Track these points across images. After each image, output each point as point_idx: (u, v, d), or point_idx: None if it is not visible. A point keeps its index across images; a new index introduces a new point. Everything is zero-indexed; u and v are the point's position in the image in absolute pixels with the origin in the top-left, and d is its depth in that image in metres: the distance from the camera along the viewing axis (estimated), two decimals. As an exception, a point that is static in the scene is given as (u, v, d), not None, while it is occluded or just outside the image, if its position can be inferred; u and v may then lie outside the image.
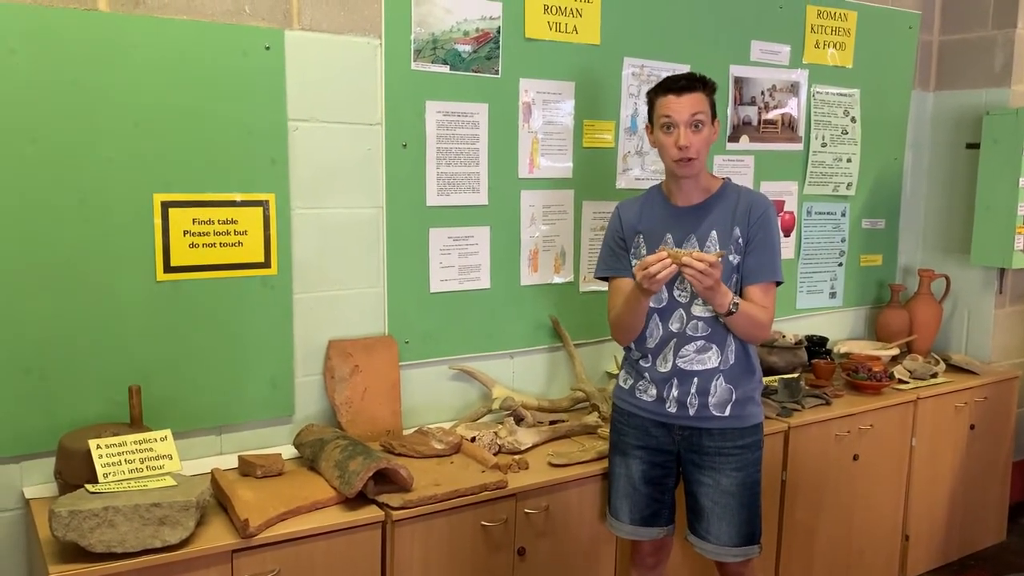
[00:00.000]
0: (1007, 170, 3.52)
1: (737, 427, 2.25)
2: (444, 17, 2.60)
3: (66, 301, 2.15)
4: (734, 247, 2.21)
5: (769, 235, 2.23)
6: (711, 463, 2.26)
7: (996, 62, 3.70)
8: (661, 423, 2.30)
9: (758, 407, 2.32)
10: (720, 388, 2.24)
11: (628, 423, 2.36)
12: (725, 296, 2.11)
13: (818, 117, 3.51)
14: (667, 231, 2.26)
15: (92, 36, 2.12)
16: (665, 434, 2.31)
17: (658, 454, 2.33)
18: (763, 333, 2.24)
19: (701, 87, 2.19)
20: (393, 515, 2.13)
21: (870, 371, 3.22)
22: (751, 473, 2.28)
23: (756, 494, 2.31)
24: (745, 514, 2.28)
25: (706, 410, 2.24)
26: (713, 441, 2.26)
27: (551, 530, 2.42)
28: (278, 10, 2.37)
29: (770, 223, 2.24)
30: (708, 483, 2.27)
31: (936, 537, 3.43)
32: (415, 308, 2.68)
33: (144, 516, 1.85)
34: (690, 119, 2.16)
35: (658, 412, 2.29)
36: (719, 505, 2.27)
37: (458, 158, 2.69)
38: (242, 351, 2.39)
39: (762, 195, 2.31)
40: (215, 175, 2.31)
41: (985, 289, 3.77)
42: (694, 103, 2.16)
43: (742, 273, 2.24)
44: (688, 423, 2.26)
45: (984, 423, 3.48)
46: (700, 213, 2.26)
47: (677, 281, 2.23)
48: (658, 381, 2.29)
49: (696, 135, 2.16)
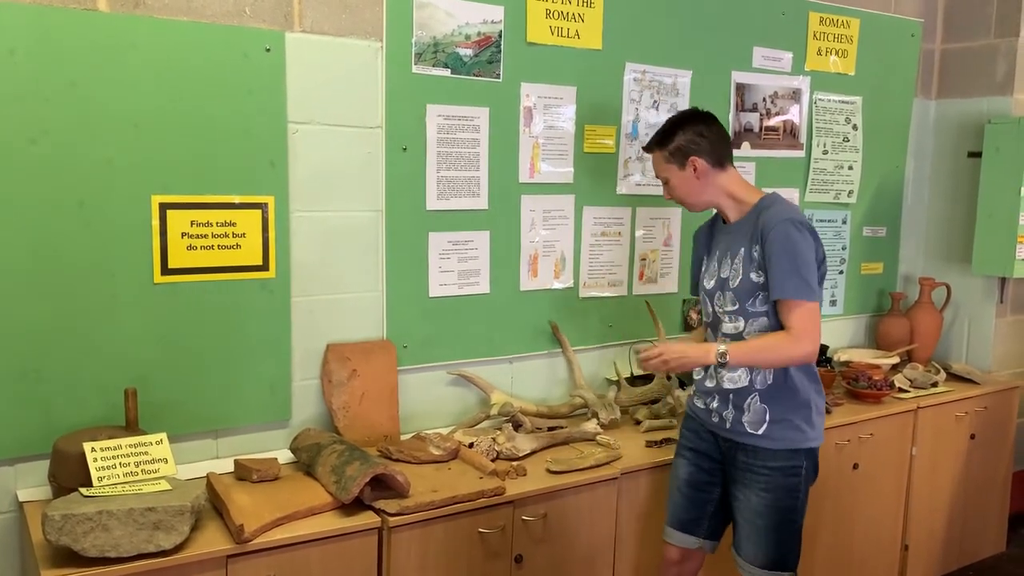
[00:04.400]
0: (1009, 179, 3.51)
1: (769, 448, 2.24)
2: (446, 20, 2.59)
3: (63, 303, 2.14)
4: (756, 264, 2.22)
5: (778, 253, 2.15)
6: (743, 479, 2.29)
7: (998, 71, 3.69)
8: (710, 431, 2.39)
9: (799, 432, 2.25)
10: (755, 407, 2.25)
11: (687, 425, 2.48)
12: (705, 356, 2.18)
13: (820, 124, 3.50)
14: (717, 248, 2.38)
15: (92, 37, 2.11)
16: (713, 442, 2.39)
17: (705, 459, 2.40)
18: (786, 355, 2.16)
19: (656, 146, 2.37)
20: (390, 521, 2.11)
21: (870, 380, 3.21)
22: (782, 498, 2.25)
23: (790, 521, 2.27)
24: (773, 537, 2.26)
25: (740, 426, 2.28)
26: (747, 457, 2.28)
27: (549, 538, 2.40)
28: (279, 12, 2.36)
29: (780, 241, 2.15)
30: (740, 498, 2.30)
31: (936, 547, 3.42)
32: (414, 312, 2.67)
33: (138, 520, 1.83)
34: (659, 178, 2.41)
35: (707, 421, 2.39)
36: (748, 522, 2.28)
37: (458, 162, 2.68)
38: (239, 354, 2.38)
39: (782, 212, 2.21)
40: (214, 177, 2.30)
41: (986, 298, 3.76)
42: (655, 165, 2.40)
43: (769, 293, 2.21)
44: (727, 436, 2.32)
45: (984, 433, 3.47)
46: (735, 231, 2.33)
47: (716, 296, 2.33)
48: (704, 393, 2.38)
49: (667, 188, 2.39)
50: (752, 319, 2.25)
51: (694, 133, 2.29)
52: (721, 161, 2.31)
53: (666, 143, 2.33)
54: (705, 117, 2.34)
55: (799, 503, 2.28)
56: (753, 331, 2.24)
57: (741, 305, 2.25)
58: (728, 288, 2.28)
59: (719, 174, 2.31)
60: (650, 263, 3.15)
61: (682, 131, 2.31)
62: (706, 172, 2.30)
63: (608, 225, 3.03)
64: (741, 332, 2.26)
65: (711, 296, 2.35)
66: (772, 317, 2.23)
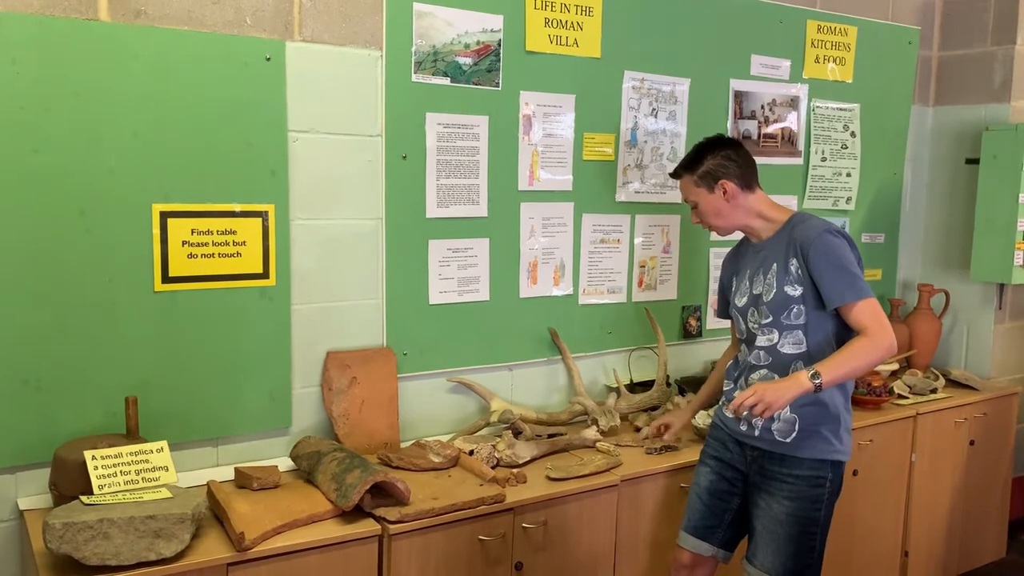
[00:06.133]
0: (1007, 186, 3.52)
1: (797, 456, 2.25)
2: (445, 29, 2.61)
3: (63, 311, 2.14)
4: (793, 278, 2.24)
5: (828, 260, 2.19)
6: (767, 487, 2.29)
7: (996, 78, 3.71)
8: (738, 441, 2.39)
9: (828, 444, 2.26)
10: (785, 416, 2.26)
11: (713, 435, 2.49)
12: (800, 385, 2.08)
13: (818, 131, 3.51)
14: (747, 267, 2.41)
15: (93, 46, 2.12)
16: (739, 452, 2.39)
17: (728, 468, 2.40)
18: (873, 355, 2.14)
19: (684, 171, 2.41)
20: (390, 529, 2.12)
21: (870, 386, 3.22)
22: (805, 508, 2.25)
23: (810, 534, 2.26)
24: (792, 548, 2.25)
25: (769, 434, 2.28)
26: (774, 465, 2.29)
27: (549, 545, 2.40)
28: (279, 21, 2.37)
29: (823, 251, 2.20)
30: (761, 505, 2.30)
31: (936, 553, 3.41)
32: (414, 320, 2.67)
33: (139, 528, 1.84)
34: (688, 202, 2.44)
35: (734, 429, 2.38)
36: (768, 531, 2.28)
37: (458, 170, 2.69)
38: (240, 362, 2.38)
39: (818, 224, 2.26)
40: (214, 186, 2.30)
41: (985, 304, 3.76)
42: (684, 189, 2.45)
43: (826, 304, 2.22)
44: (756, 444, 2.32)
45: (984, 439, 3.47)
46: (766, 247, 2.36)
47: (749, 313, 2.37)
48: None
49: (697, 212, 2.43)
50: (787, 332, 2.27)
51: (723, 157, 2.34)
52: (750, 183, 2.36)
53: (695, 167, 2.37)
54: (731, 142, 2.40)
55: (822, 516, 2.27)
56: (788, 344, 2.27)
57: (775, 318, 2.28)
58: (762, 303, 2.31)
59: (748, 196, 2.36)
60: (649, 270, 3.16)
61: (711, 155, 2.35)
62: (735, 194, 2.34)
63: (607, 232, 3.04)
64: (775, 344, 2.28)
65: (744, 313, 2.38)
66: (810, 331, 2.24)
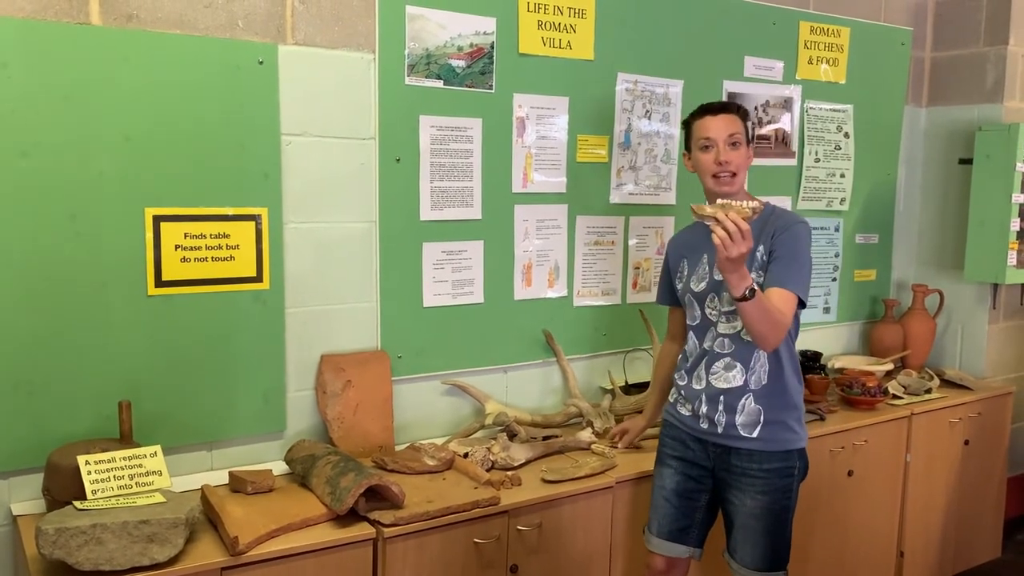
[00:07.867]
0: (1000, 186, 3.53)
1: (764, 450, 2.25)
2: (438, 32, 2.61)
3: (56, 315, 2.14)
4: (758, 264, 2.22)
5: (790, 249, 2.19)
6: (737, 483, 2.28)
7: (988, 78, 3.72)
8: (698, 439, 2.34)
9: (793, 433, 2.27)
10: (748, 408, 2.24)
11: (669, 434, 2.43)
12: (744, 279, 2.02)
13: (811, 132, 3.52)
14: (706, 251, 2.30)
15: (84, 50, 2.11)
16: (701, 449, 2.35)
17: (693, 467, 2.36)
18: (776, 333, 2.12)
19: (735, 110, 2.32)
20: (384, 532, 2.11)
21: (864, 386, 3.22)
22: (778, 499, 2.26)
23: (784, 522, 2.28)
24: (769, 540, 2.27)
25: (734, 429, 2.26)
26: (741, 461, 2.27)
27: (544, 547, 2.40)
28: (272, 25, 2.37)
29: (793, 238, 2.20)
30: (734, 502, 2.29)
31: (931, 553, 3.42)
32: (408, 323, 2.67)
33: (133, 533, 1.83)
34: (728, 138, 2.27)
35: (694, 428, 2.34)
36: (745, 527, 2.28)
37: (452, 172, 2.69)
38: (234, 366, 2.38)
39: (797, 217, 2.28)
40: (207, 189, 2.30)
41: (979, 304, 3.77)
42: (730, 123, 2.28)
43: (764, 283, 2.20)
44: (719, 440, 2.29)
45: (978, 439, 3.48)
46: None
47: (708, 299, 2.29)
48: (692, 398, 2.34)
49: (734, 152, 2.27)
50: None
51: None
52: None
53: (743, 111, 2.34)
54: None
55: (792, 502, 2.30)
56: None
57: None
58: (725, 289, 2.23)
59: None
60: (643, 272, 3.16)
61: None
62: (750, 159, 2.34)
63: (601, 234, 3.04)
64: (739, 332, 2.24)
65: (702, 299, 2.31)
66: None
